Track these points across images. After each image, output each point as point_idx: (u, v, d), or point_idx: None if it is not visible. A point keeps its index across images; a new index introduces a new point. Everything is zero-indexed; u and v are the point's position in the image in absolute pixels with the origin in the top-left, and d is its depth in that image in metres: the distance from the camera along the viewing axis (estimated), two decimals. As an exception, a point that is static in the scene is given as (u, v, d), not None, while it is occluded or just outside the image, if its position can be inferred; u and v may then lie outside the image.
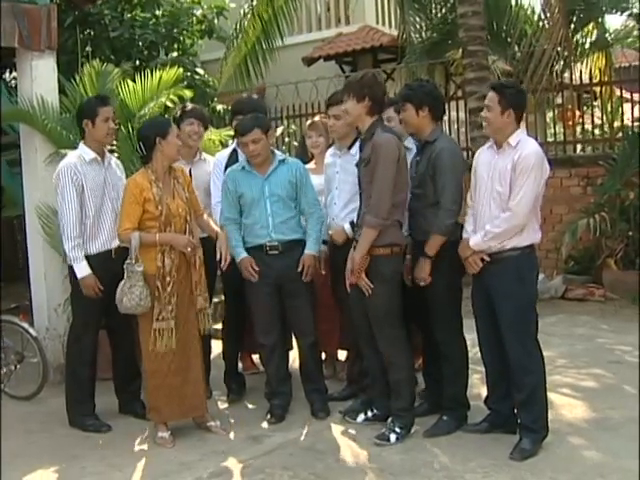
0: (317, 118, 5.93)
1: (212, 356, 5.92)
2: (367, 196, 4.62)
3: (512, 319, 4.36)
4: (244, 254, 5.07)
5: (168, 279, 4.77)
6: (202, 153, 5.84)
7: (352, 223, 5.07)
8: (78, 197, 5.06)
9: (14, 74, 8.74)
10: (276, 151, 5.25)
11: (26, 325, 5.93)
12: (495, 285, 4.43)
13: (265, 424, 5.11)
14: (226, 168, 5.40)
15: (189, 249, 4.82)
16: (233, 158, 5.54)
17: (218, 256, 5.02)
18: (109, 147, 5.92)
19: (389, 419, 4.75)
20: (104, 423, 5.20)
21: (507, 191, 4.33)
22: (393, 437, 4.65)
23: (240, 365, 6.08)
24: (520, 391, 4.42)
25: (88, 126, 5.19)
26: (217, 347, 5.97)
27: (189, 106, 5.85)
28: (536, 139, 11.13)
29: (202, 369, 5.07)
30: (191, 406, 4.97)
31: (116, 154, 6.15)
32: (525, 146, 4.35)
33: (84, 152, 5.19)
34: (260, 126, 5.02)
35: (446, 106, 5.51)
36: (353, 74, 4.92)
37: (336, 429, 4.97)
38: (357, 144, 5.03)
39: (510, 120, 4.37)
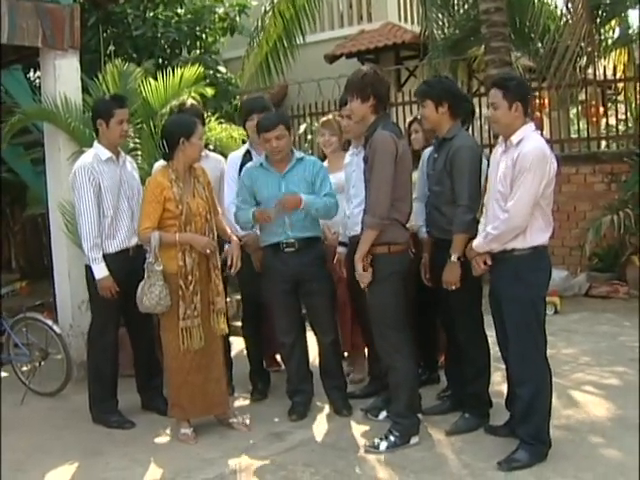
0: (330, 116, 5.90)
1: (233, 353, 5.94)
2: (368, 195, 4.50)
3: (512, 322, 4.22)
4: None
5: (190, 278, 4.77)
6: (205, 150, 5.66)
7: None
8: (95, 196, 5.06)
9: (38, 73, 8.81)
10: (294, 149, 5.22)
11: (50, 322, 5.98)
12: (498, 286, 4.34)
13: (287, 421, 5.12)
14: (240, 169, 5.38)
15: (208, 251, 4.81)
16: (247, 158, 5.50)
17: (229, 262, 5.03)
18: (132, 145, 5.94)
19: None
20: (127, 419, 5.24)
21: (508, 191, 4.14)
22: (384, 445, 4.49)
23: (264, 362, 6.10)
24: (517, 401, 4.31)
25: (102, 126, 5.17)
26: (238, 344, 5.98)
27: (187, 104, 5.78)
28: (559, 135, 11.22)
29: (224, 366, 5.09)
30: (213, 403, 4.99)
31: (139, 152, 6.18)
32: (527, 143, 4.11)
33: (99, 151, 5.18)
34: (284, 122, 5.02)
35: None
36: (354, 71, 4.79)
37: (357, 426, 4.96)
38: None
39: (519, 113, 4.15)
